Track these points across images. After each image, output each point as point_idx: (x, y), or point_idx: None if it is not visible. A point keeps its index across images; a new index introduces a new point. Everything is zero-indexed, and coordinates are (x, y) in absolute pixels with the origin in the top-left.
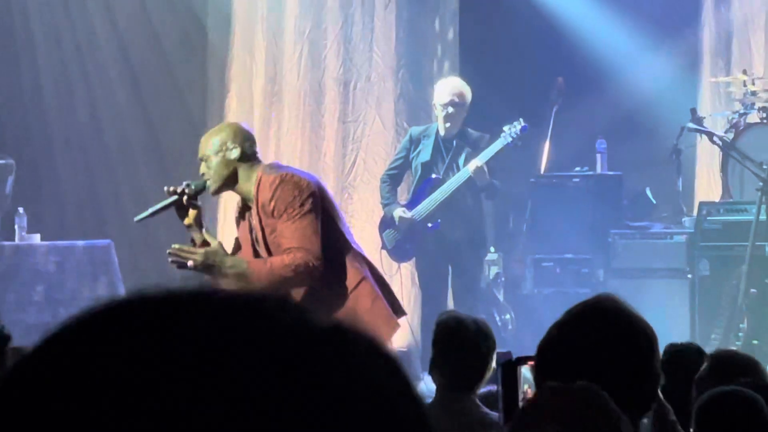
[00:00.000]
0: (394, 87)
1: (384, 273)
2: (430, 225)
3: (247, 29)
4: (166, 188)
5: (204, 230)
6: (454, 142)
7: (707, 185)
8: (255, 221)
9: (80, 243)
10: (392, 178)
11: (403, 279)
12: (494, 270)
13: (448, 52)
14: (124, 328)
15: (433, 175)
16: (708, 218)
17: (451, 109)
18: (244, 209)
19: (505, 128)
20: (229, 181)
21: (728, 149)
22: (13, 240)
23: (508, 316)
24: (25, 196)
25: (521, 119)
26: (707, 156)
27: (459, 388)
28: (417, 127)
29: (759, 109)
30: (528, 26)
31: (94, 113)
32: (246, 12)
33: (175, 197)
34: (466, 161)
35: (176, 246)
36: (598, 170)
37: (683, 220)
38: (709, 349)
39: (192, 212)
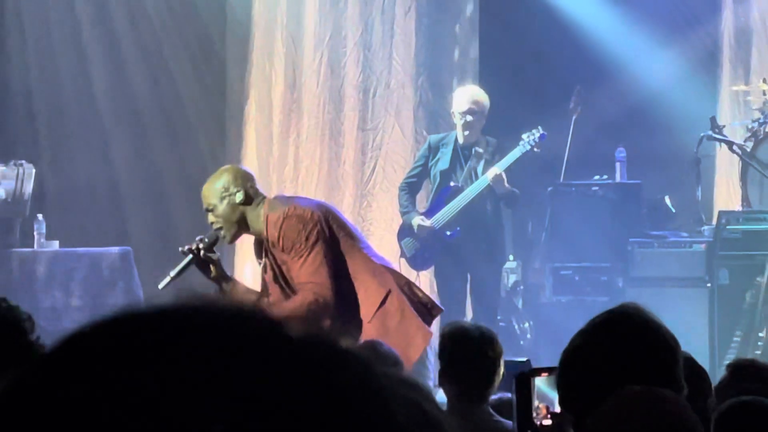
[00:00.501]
0: (414, 94)
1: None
2: (448, 233)
3: (267, 36)
4: (180, 249)
5: (230, 279)
6: (473, 150)
7: (726, 194)
8: (270, 258)
9: (99, 250)
10: (411, 186)
11: (421, 286)
12: (513, 278)
13: (468, 59)
14: (111, 344)
15: (452, 183)
16: (727, 227)
17: (469, 117)
18: (260, 248)
19: (524, 136)
20: (241, 225)
21: (748, 158)
22: (32, 246)
23: (526, 324)
24: (44, 203)
25: (540, 127)
26: (726, 165)
27: (470, 398)
28: (436, 135)
29: None
30: (547, 34)
31: (114, 120)
32: (265, 19)
33: (191, 256)
34: (485, 169)
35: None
36: (618, 178)
37: (702, 228)
38: (728, 359)
39: (213, 260)
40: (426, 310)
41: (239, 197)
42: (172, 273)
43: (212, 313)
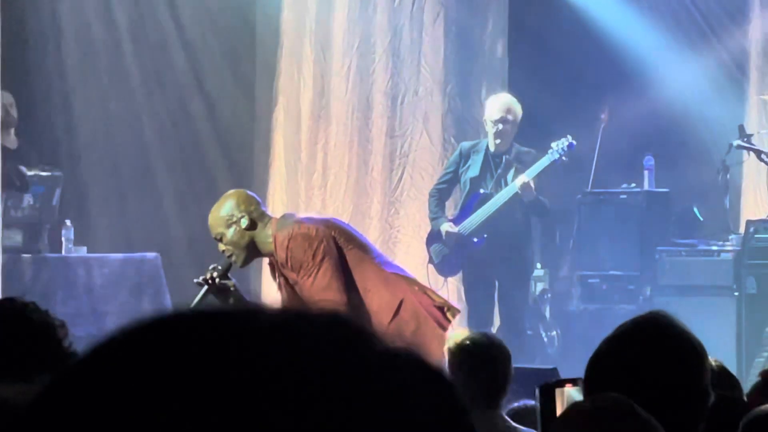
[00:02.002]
0: (442, 102)
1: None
2: (476, 240)
3: (296, 42)
4: (195, 280)
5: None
6: (504, 158)
7: (754, 202)
8: (283, 279)
9: (127, 256)
10: (441, 193)
11: (449, 293)
12: (540, 286)
13: (497, 67)
14: (158, 346)
15: (481, 191)
16: (755, 236)
17: (501, 126)
18: (273, 269)
19: (553, 145)
20: (251, 249)
21: None
22: (60, 252)
23: (554, 333)
24: (72, 209)
25: (569, 136)
26: (754, 173)
27: (483, 406)
28: (467, 142)
29: None
30: (577, 42)
31: (142, 127)
32: (294, 25)
33: (206, 287)
34: (515, 177)
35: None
36: (646, 187)
37: (730, 237)
38: (755, 367)
39: (229, 287)
40: (441, 313)
41: (244, 222)
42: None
43: (268, 317)
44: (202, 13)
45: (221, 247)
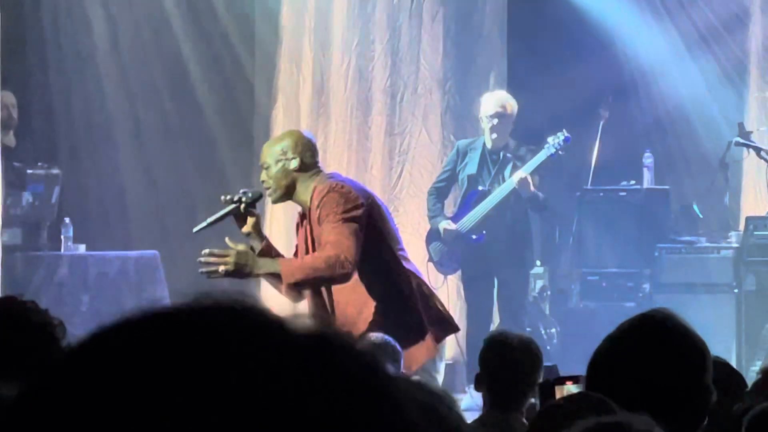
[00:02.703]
0: (441, 100)
1: (431, 285)
2: (474, 237)
3: (295, 41)
4: (222, 197)
5: (264, 238)
6: (501, 155)
7: (754, 200)
8: (308, 232)
9: (126, 253)
10: (439, 191)
11: (449, 291)
12: (540, 283)
13: (496, 65)
14: (119, 348)
15: (479, 188)
16: (755, 233)
17: (496, 121)
18: (302, 218)
19: (549, 139)
20: (289, 191)
21: None
22: (59, 250)
23: (553, 330)
24: (71, 206)
25: (564, 130)
26: (754, 170)
27: (505, 407)
28: (464, 140)
29: None
30: (575, 39)
31: (140, 125)
32: (293, 24)
33: (232, 206)
34: (513, 173)
35: (206, 251)
36: (645, 184)
37: (730, 234)
38: (755, 364)
39: (250, 220)
40: (441, 326)
41: (294, 164)
42: (210, 219)
43: (215, 312)
44: (200, 12)
45: (263, 176)
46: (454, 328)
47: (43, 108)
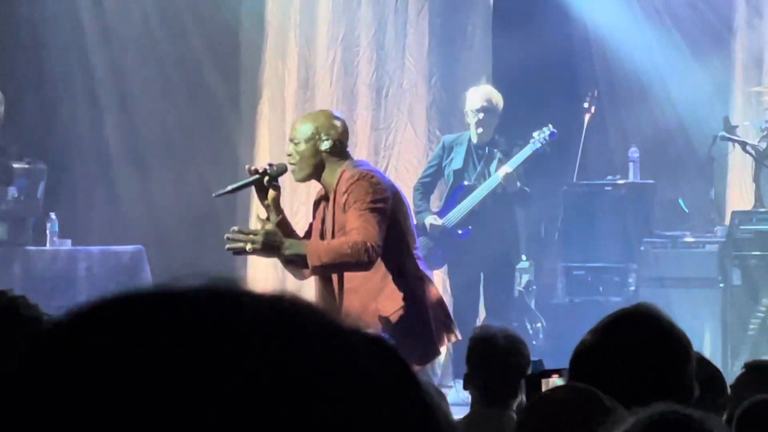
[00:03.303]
0: (426, 94)
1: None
2: (460, 232)
3: (280, 35)
4: (247, 167)
5: (281, 213)
6: (486, 149)
7: (739, 194)
8: (329, 215)
9: (112, 248)
10: (425, 186)
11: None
12: (526, 278)
13: (481, 59)
14: (105, 326)
15: (465, 182)
16: (740, 227)
17: (482, 115)
18: (321, 199)
19: (535, 134)
20: (316, 171)
21: (761, 158)
22: (45, 245)
23: (539, 325)
24: (57, 201)
25: (550, 125)
26: (740, 165)
27: (493, 404)
28: (450, 135)
29: None
30: (561, 34)
31: (126, 119)
32: (279, 18)
33: (257, 176)
34: (498, 168)
35: (235, 228)
36: (631, 179)
37: (715, 229)
38: (740, 358)
39: (271, 193)
40: (444, 333)
41: (326, 145)
42: (231, 187)
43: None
44: (187, 7)
45: (290, 150)
46: (455, 337)
47: (28, 102)
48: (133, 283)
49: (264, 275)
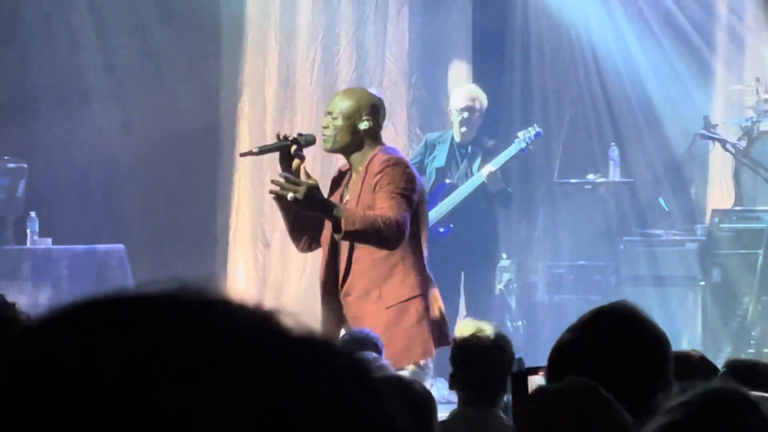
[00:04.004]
0: (407, 92)
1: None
2: (442, 230)
3: (260, 34)
4: (278, 133)
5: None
6: (469, 148)
7: (720, 193)
8: (354, 192)
9: (92, 247)
10: None
11: None
12: (506, 276)
13: (462, 57)
14: (82, 329)
15: (447, 181)
16: (720, 226)
17: (466, 115)
18: (342, 177)
19: (520, 134)
20: (347, 147)
21: (741, 157)
22: (25, 244)
23: (520, 323)
24: (38, 200)
25: (536, 125)
26: (720, 163)
27: (480, 403)
28: (432, 133)
29: None
30: (543, 32)
31: (106, 117)
32: (259, 17)
33: (286, 143)
34: (481, 167)
35: (283, 174)
36: (611, 177)
37: (696, 227)
38: (721, 357)
39: (296, 162)
40: (439, 336)
41: (365, 125)
42: (256, 149)
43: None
44: (166, 5)
45: (326, 122)
46: (448, 342)
47: (8, 102)
48: (113, 283)
49: (244, 276)
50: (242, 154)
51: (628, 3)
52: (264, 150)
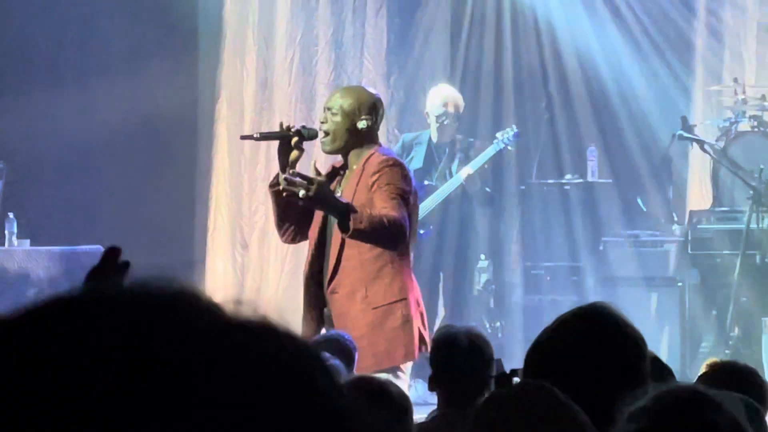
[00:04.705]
0: (385, 94)
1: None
2: (421, 232)
3: (238, 35)
4: (281, 122)
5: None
6: (447, 149)
7: (698, 193)
8: (348, 191)
9: (71, 249)
10: None
11: None
12: (485, 277)
13: (440, 58)
14: (50, 327)
15: (426, 182)
16: (698, 226)
17: (444, 116)
18: (336, 173)
19: (498, 134)
20: (346, 146)
21: (719, 157)
22: (3, 245)
23: (498, 324)
24: (16, 201)
25: (514, 125)
26: (698, 164)
27: (459, 404)
28: (409, 133)
29: (750, 118)
30: (520, 33)
31: (83, 118)
32: (237, 17)
33: (288, 133)
34: (459, 168)
35: (294, 171)
36: (589, 178)
37: (674, 228)
38: (699, 358)
39: (294, 154)
40: (420, 341)
41: (364, 124)
42: (257, 134)
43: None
44: (144, 6)
45: (324, 118)
46: (428, 347)
47: None
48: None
49: (222, 277)
50: (243, 137)
51: (608, 3)
52: (265, 136)
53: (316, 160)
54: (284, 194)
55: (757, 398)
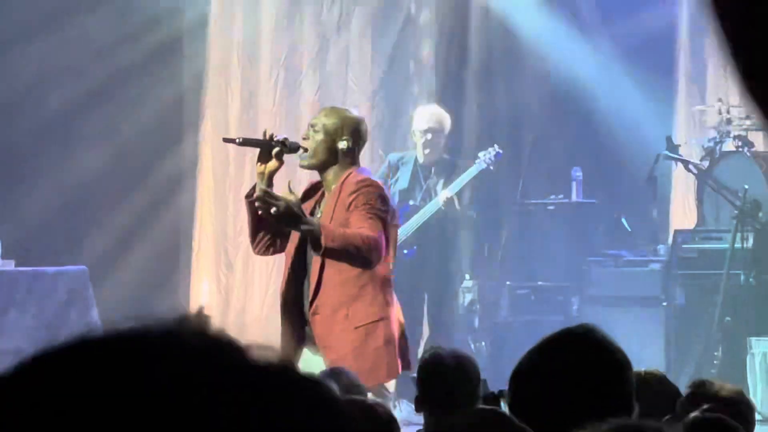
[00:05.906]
0: (370, 114)
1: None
2: (405, 252)
3: (223, 55)
4: (265, 130)
5: (271, 185)
6: (432, 169)
7: (683, 213)
8: (327, 211)
9: (55, 269)
10: None
11: None
12: (469, 297)
13: (425, 78)
14: (80, 368)
15: (411, 202)
16: (683, 246)
17: (430, 136)
18: (314, 191)
19: (480, 154)
20: (324, 165)
21: (703, 177)
22: None
23: (483, 344)
24: (1, 222)
25: (496, 145)
26: (683, 184)
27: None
28: (395, 154)
29: (734, 137)
30: (506, 54)
31: (68, 137)
32: (222, 37)
33: (270, 142)
34: (444, 187)
35: (266, 189)
36: (574, 198)
37: (658, 248)
38: (684, 378)
39: (272, 164)
40: (402, 358)
41: (344, 145)
42: (240, 139)
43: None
44: (128, 26)
45: (307, 133)
46: (409, 368)
47: None
48: (77, 305)
49: (207, 297)
50: (225, 140)
51: (591, 24)
52: (247, 142)
53: (291, 181)
54: (258, 211)
55: (741, 420)
